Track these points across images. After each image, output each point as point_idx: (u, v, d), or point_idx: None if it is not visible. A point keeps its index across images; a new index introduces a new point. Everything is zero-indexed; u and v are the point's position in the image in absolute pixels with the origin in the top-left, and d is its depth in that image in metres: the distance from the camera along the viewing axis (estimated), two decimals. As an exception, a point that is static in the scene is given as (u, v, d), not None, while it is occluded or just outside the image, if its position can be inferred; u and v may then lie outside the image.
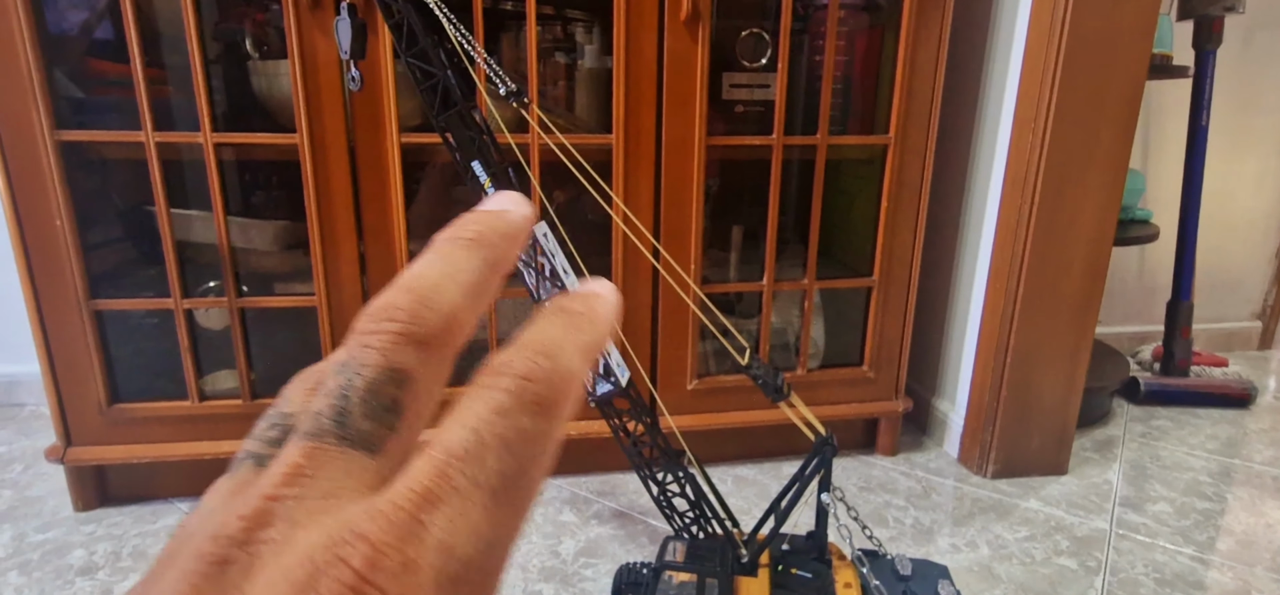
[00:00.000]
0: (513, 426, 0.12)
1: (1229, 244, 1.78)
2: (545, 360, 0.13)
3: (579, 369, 0.13)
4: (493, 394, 0.12)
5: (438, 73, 0.64)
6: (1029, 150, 1.06)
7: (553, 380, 0.13)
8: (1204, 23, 1.41)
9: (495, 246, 0.15)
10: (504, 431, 0.12)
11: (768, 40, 1.11)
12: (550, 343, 0.13)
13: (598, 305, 0.15)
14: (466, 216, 0.15)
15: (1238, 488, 1.18)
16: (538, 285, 0.70)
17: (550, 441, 0.13)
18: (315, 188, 0.97)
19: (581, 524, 1.05)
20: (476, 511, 0.11)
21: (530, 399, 0.12)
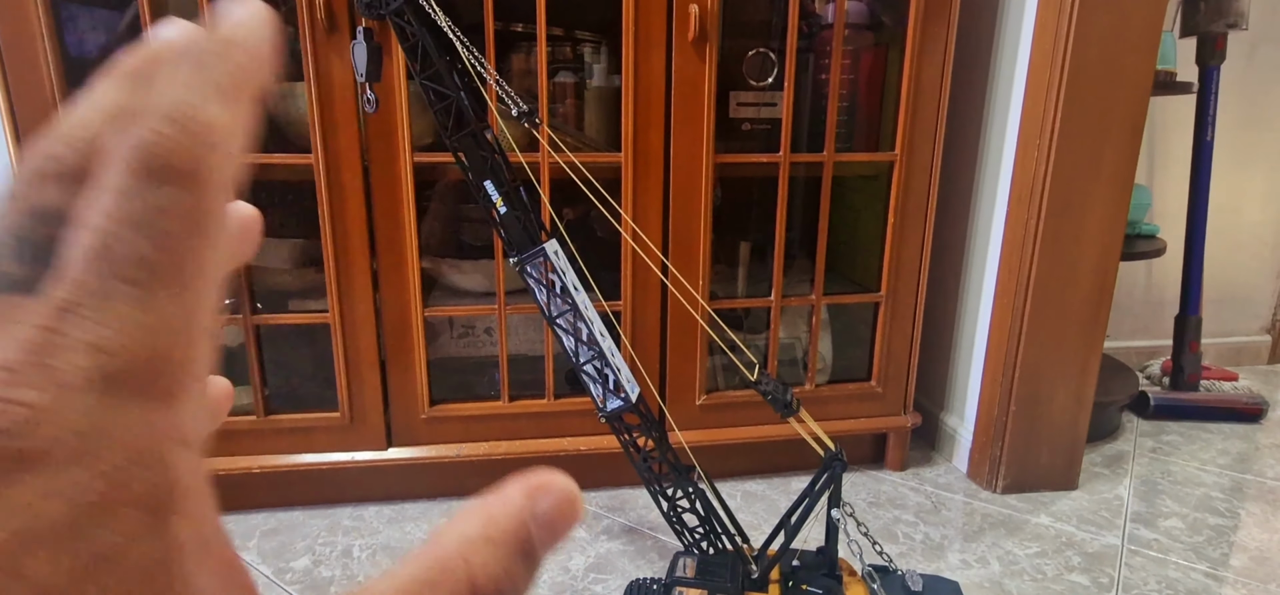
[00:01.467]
0: (141, 206, 0.11)
1: (1236, 258, 1.78)
2: (166, 123, 0.11)
3: (218, 115, 0.12)
4: (110, 178, 0.11)
5: (451, 94, 0.66)
6: (1035, 166, 1.07)
7: (181, 141, 0.11)
8: (1207, 39, 1.42)
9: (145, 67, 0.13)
10: (130, 214, 0.11)
11: (774, 60, 1.13)
12: (175, 102, 0.11)
13: (232, 31, 0.13)
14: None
15: (1250, 503, 1.17)
16: (549, 302, 0.71)
17: (200, 206, 0.11)
18: (330, 206, 0.98)
19: (591, 539, 1.05)
20: (122, 304, 0.10)
21: (156, 170, 0.11)
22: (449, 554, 0.13)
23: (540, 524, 0.14)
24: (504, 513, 0.13)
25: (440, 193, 1.20)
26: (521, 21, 1.05)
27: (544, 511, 0.14)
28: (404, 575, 0.12)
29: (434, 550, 0.13)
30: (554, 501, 0.14)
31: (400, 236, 1.01)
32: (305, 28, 0.91)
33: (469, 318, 1.19)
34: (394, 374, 1.07)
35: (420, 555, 0.13)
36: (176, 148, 0.11)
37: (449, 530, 0.13)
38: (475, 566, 0.13)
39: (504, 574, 0.13)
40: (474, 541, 0.13)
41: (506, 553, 0.13)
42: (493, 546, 0.13)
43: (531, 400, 1.11)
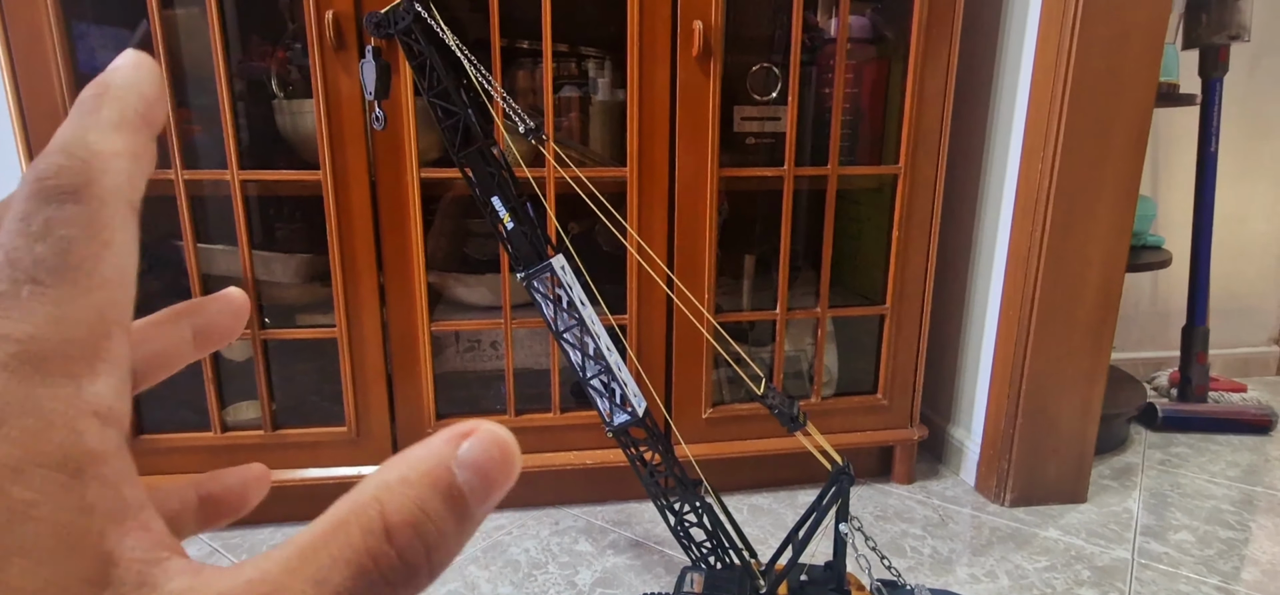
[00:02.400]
0: (40, 221, 0.13)
1: (1243, 269, 1.77)
2: (56, 155, 0.13)
3: (104, 143, 0.14)
4: (14, 205, 0.13)
5: (459, 111, 0.67)
6: (1039, 178, 1.07)
7: (68, 166, 0.13)
8: (1209, 51, 1.42)
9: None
10: (29, 229, 0.12)
11: (777, 74, 1.14)
12: (64, 140, 0.14)
13: (108, 77, 0.15)
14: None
15: (1261, 516, 1.16)
16: (556, 316, 0.72)
17: (95, 217, 0.13)
18: (337, 222, 0.99)
19: (598, 554, 1.05)
20: (28, 300, 0.12)
21: (49, 190, 0.13)
22: (363, 497, 0.13)
23: (466, 468, 0.13)
24: (423, 455, 0.13)
25: (446, 208, 1.21)
26: (527, 38, 1.06)
27: (469, 455, 0.13)
28: (320, 522, 0.13)
29: (350, 496, 0.13)
30: (480, 445, 0.13)
31: (407, 251, 1.02)
32: (314, 45, 0.92)
33: (475, 332, 1.20)
34: (400, 388, 1.07)
35: (337, 503, 0.13)
36: (64, 170, 0.13)
37: (368, 479, 0.13)
38: (389, 507, 0.13)
39: (421, 513, 0.13)
40: (390, 484, 0.13)
41: (424, 492, 0.13)
42: (408, 486, 0.13)
43: (537, 414, 1.11)
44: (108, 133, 0.14)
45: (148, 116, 0.15)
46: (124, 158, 0.14)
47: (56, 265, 0.12)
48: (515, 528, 1.11)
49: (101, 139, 0.14)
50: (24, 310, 0.12)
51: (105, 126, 0.14)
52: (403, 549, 0.12)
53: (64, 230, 0.13)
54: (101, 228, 0.13)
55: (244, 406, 1.11)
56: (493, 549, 1.06)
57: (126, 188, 0.14)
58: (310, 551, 0.12)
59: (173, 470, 1.05)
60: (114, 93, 0.15)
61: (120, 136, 0.14)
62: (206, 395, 1.03)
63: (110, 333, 0.13)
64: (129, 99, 0.15)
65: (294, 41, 1.08)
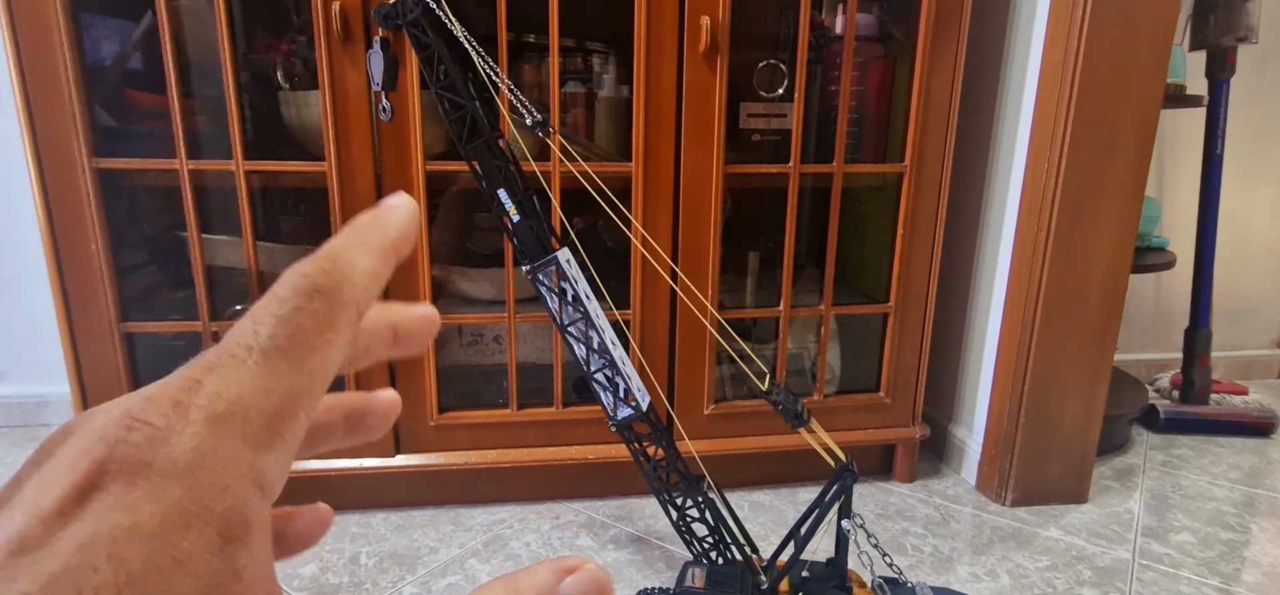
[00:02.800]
0: (288, 306, 0.14)
1: (1246, 271, 1.77)
2: (323, 260, 0.15)
3: (361, 262, 0.16)
4: (276, 289, 0.15)
5: (466, 103, 0.66)
6: (1045, 178, 1.07)
7: (329, 270, 0.15)
8: (1217, 52, 1.42)
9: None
10: (278, 310, 0.14)
11: (784, 71, 1.13)
12: (332, 248, 0.16)
13: (384, 213, 0.18)
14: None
15: (1262, 518, 1.16)
16: (561, 310, 0.72)
17: (330, 315, 0.15)
18: (342, 214, 0.99)
19: (599, 549, 1.05)
20: (247, 370, 0.13)
21: (307, 286, 0.15)
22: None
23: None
24: (532, 587, 0.15)
25: (450, 201, 1.21)
26: (534, 32, 1.06)
27: (571, 592, 0.15)
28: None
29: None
30: (582, 584, 0.15)
31: (411, 244, 1.01)
32: (320, 37, 0.92)
33: (478, 326, 1.20)
34: (403, 381, 1.07)
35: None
36: (324, 274, 0.15)
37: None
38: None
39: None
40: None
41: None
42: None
43: (540, 408, 1.11)
44: (366, 254, 0.16)
45: (399, 246, 0.18)
46: (371, 278, 0.16)
47: (285, 345, 0.14)
48: (516, 522, 1.12)
49: (361, 258, 0.16)
50: (244, 375, 0.13)
51: (366, 249, 0.16)
52: None
53: (304, 320, 0.14)
54: (332, 325, 0.15)
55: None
56: (494, 542, 1.06)
57: (364, 302, 0.16)
58: None
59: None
60: (382, 224, 0.17)
61: (375, 260, 0.16)
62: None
63: (297, 416, 0.14)
64: (390, 232, 0.17)
65: (299, 34, 1.08)
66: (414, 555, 1.03)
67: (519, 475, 1.15)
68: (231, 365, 0.13)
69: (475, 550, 1.04)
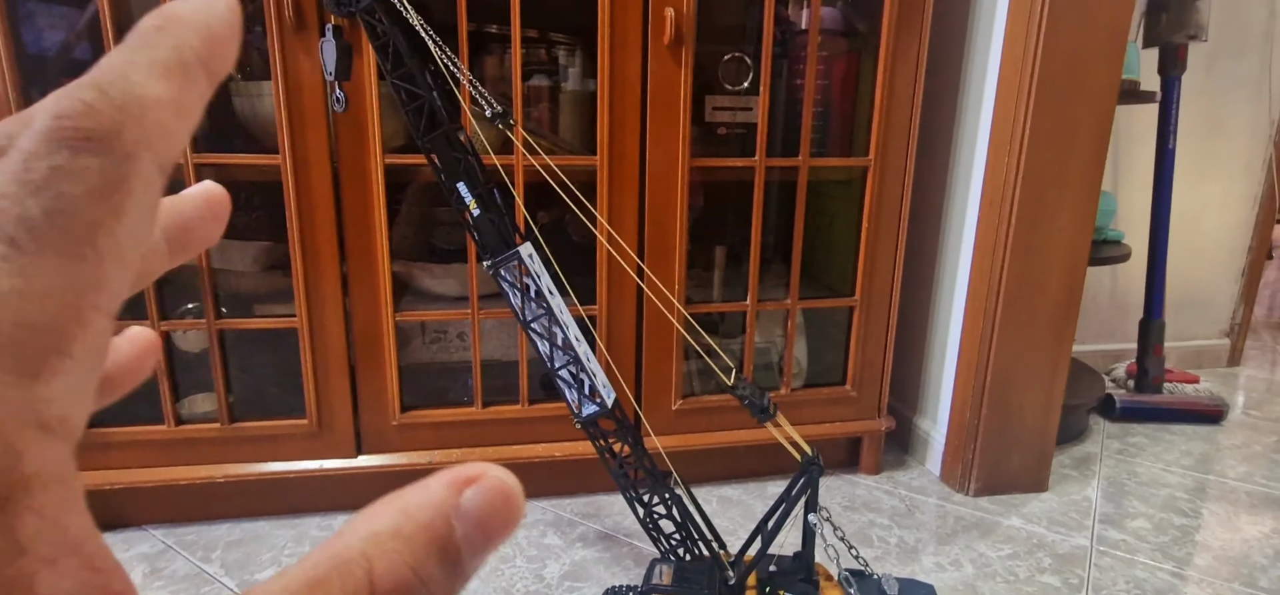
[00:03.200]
0: (43, 168, 0.10)
1: (1197, 264, 1.83)
2: (88, 91, 0.11)
3: (150, 87, 0.11)
4: (22, 141, 0.11)
5: (423, 94, 0.65)
6: (1005, 173, 1.08)
7: (97, 106, 0.11)
8: (1169, 50, 1.46)
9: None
10: (25, 175, 0.10)
11: (749, 64, 1.13)
12: (103, 72, 0.11)
13: (181, 9, 0.12)
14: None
15: (1213, 503, 1.20)
16: (523, 306, 0.70)
17: (113, 176, 0.11)
18: (298, 208, 0.96)
19: (566, 547, 1.04)
20: (7, 277, 0.10)
21: (67, 133, 0.10)
22: (350, 550, 0.11)
23: (467, 521, 0.12)
24: (421, 503, 0.12)
25: (412, 195, 1.18)
26: (496, 22, 1.04)
27: (472, 507, 0.12)
28: (296, 574, 0.11)
29: (335, 545, 0.11)
30: (485, 496, 0.12)
31: (370, 239, 0.99)
32: (272, 24, 0.89)
33: (441, 322, 1.17)
34: (364, 380, 1.05)
35: (319, 551, 0.11)
36: (92, 113, 0.11)
37: (357, 524, 0.11)
38: (378, 565, 0.11)
39: (412, 575, 0.11)
40: (381, 537, 0.11)
41: (418, 550, 0.11)
42: (402, 542, 0.11)
43: (505, 406, 1.10)
44: (156, 75, 0.12)
45: (209, 62, 0.12)
46: (167, 108, 0.12)
47: (45, 228, 0.10)
48: (483, 521, 1.10)
49: (146, 81, 0.11)
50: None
51: (155, 67, 0.12)
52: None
53: (69, 186, 0.10)
54: (116, 189, 0.11)
55: (200, 399, 1.07)
56: (459, 543, 1.04)
57: (160, 146, 0.11)
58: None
59: (124, 465, 1.01)
60: (176, 27, 0.12)
61: (169, 82, 0.12)
62: (160, 387, 0.99)
63: (86, 321, 0.10)
64: (190, 38, 0.12)
65: (253, 23, 1.04)
66: (376, 558, 1.01)
67: (485, 474, 1.13)
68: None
69: (440, 551, 1.02)
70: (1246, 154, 1.75)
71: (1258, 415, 1.57)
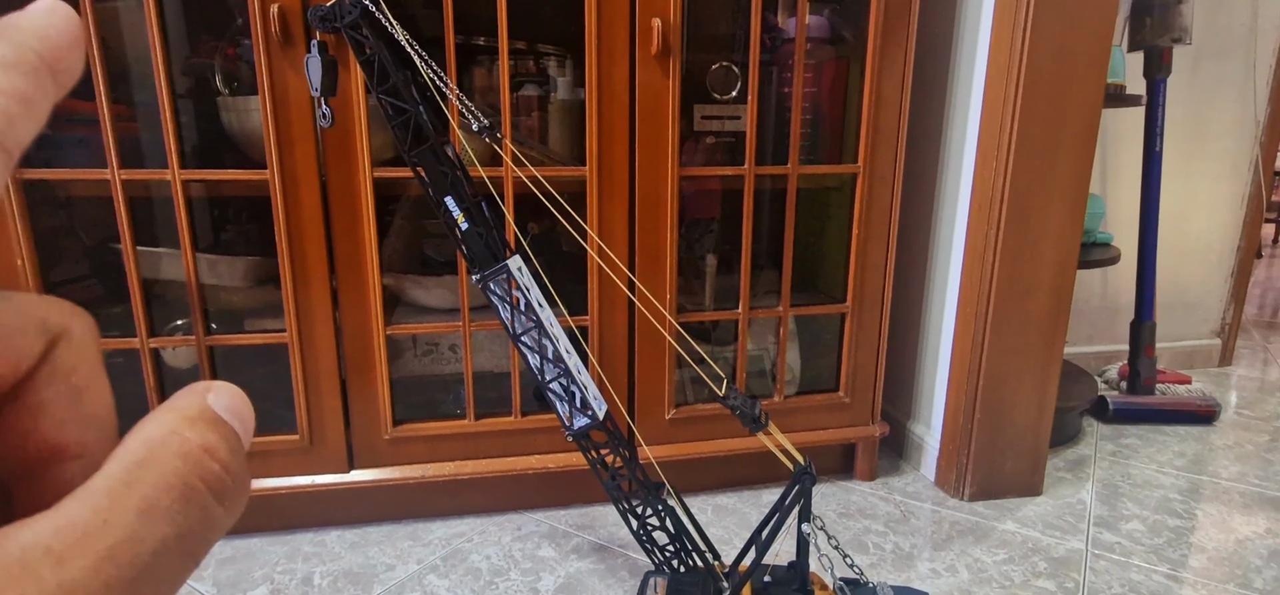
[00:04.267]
0: None
1: (1187, 265, 1.84)
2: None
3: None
4: None
5: (410, 109, 0.65)
6: (993, 177, 1.09)
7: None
8: (1153, 53, 1.47)
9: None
10: None
11: (737, 73, 1.14)
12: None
13: (18, 17, 0.13)
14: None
15: (1207, 504, 1.20)
16: (513, 319, 0.70)
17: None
18: (286, 223, 0.96)
19: (560, 559, 1.03)
20: None
21: None
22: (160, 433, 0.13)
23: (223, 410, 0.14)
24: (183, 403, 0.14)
25: (403, 208, 1.18)
26: (483, 34, 1.04)
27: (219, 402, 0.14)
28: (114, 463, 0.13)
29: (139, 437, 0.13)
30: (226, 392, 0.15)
31: (360, 253, 0.99)
32: (259, 40, 0.89)
33: (433, 335, 1.17)
34: (355, 394, 1.04)
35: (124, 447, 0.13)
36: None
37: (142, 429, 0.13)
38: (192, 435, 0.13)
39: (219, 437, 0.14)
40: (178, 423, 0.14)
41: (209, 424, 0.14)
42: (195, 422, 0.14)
43: (498, 418, 1.09)
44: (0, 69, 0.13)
45: (51, 64, 0.13)
46: (10, 98, 0.12)
47: None
48: (476, 534, 1.09)
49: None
50: None
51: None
52: (225, 462, 0.13)
53: None
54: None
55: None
56: (453, 556, 1.04)
57: (6, 131, 0.12)
58: (126, 485, 0.12)
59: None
60: (14, 32, 0.13)
61: (11, 76, 0.13)
62: (148, 403, 0.98)
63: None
64: (29, 40, 0.13)
65: (242, 37, 1.04)
66: (370, 573, 1.00)
67: (478, 487, 1.13)
68: None
69: (434, 565, 1.02)
70: (1233, 154, 1.76)
71: (1250, 415, 1.58)
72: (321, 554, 1.04)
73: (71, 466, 0.14)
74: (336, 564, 1.02)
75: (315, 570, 1.00)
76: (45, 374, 0.14)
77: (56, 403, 0.14)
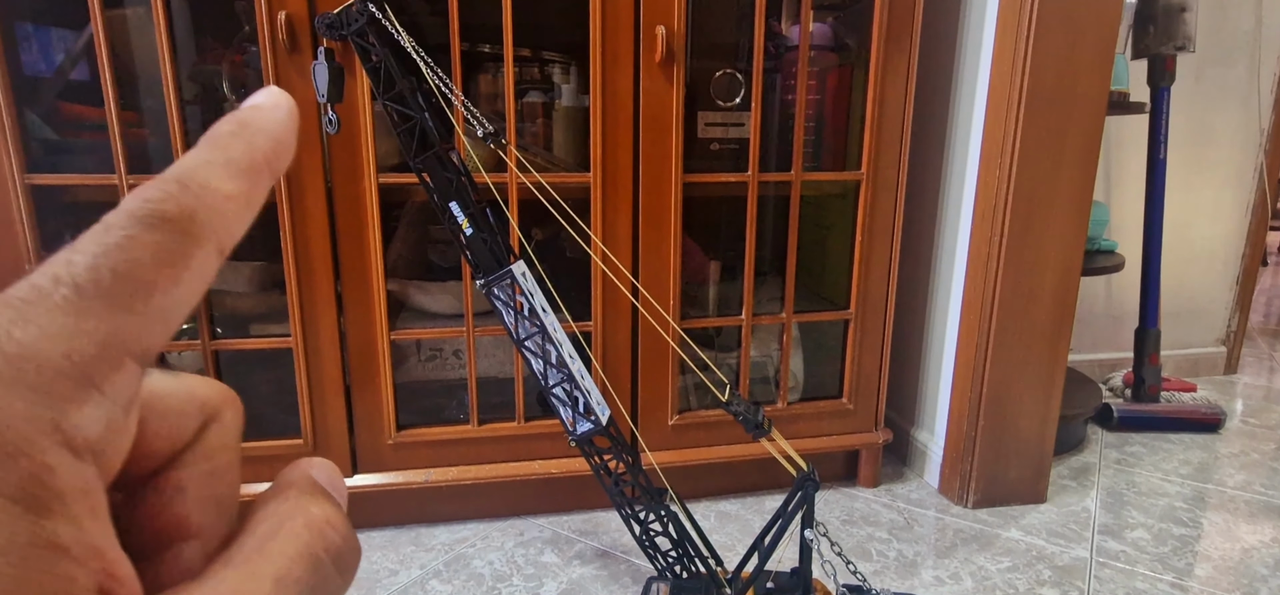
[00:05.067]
0: (118, 234, 0.12)
1: (1191, 272, 1.83)
2: (171, 183, 0.13)
3: (222, 183, 0.13)
4: (107, 217, 0.12)
5: (415, 115, 0.65)
6: (997, 184, 1.09)
7: (177, 195, 0.13)
8: (1157, 61, 1.47)
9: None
10: (105, 239, 0.12)
11: (741, 80, 1.14)
12: (184, 168, 0.13)
13: (252, 117, 0.15)
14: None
15: (1212, 513, 1.20)
16: (516, 324, 0.70)
17: (176, 250, 0.12)
18: (292, 228, 0.96)
19: (563, 565, 1.03)
20: (50, 306, 0.11)
21: (147, 213, 0.12)
22: (286, 505, 0.15)
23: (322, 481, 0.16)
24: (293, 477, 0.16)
25: (408, 214, 1.18)
26: (489, 42, 1.04)
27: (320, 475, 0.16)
28: (248, 536, 0.14)
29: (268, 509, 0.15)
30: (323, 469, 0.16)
31: (365, 258, 0.99)
32: (266, 47, 0.90)
33: (437, 340, 1.17)
34: (359, 399, 1.05)
35: (255, 517, 0.14)
36: (170, 199, 0.13)
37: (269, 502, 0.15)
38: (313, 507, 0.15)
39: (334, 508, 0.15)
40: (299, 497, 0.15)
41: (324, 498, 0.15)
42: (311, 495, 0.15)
43: (501, 423, 1.10)
44: (230, 174, 0.14)
45: (273, 163, 0.14)
46: (237, 203, 0.13)
47: (107, 280, 0.12)
48: (479, 540, 1.09)
49: (221, 179, 0.13)
50: (43, 314, 0.11)
51: (230, 166, 0.14)
52: (343, 533, 0.14)
53: (139, 252, 0.12)
54: (179, 261, 0.12)
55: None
56: (455, 562, 1.04)
57: (225, 234, 0.13)
58: (260, 557, 0.13)
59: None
60: (249, 132, 0.14)
61: (241, 181, 0.14)
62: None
63: (122, 363, 0.12)
64: (261, 142, 0.14)
65: (249, 44, 1.05)
66: (372, 578, 1.00)
67: (481, 492, 1.13)
68: (34, 300, 0.11)
69: (437, 571, 1.02)
70: (1237, 162, 1.76)
71: (1256, 423, 1.57)
72: (325, 559, 1.04)
73: (190, 546, 0.14)
74: (340, 569, 1.02)
75: (318, 575, 1.00)
76: (192, 455, 0.15)
77: (196, 483, 0.14)
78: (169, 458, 0.14)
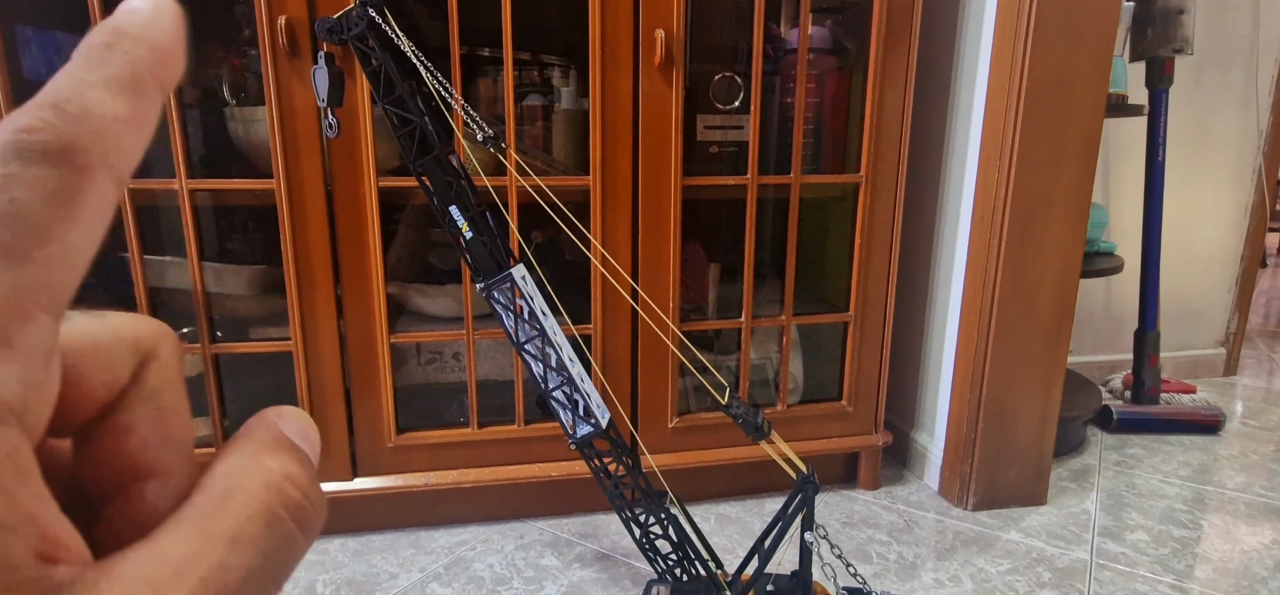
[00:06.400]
0: (6, 178, 0.11)
1: (1191, 274, 1.83)
2: (45, 109, 0.12)
3: (104, 104, 0.12)
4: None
5: (415, 119, 0.65)
6: (995, 187, 1.09)
7: (53, 124, 0.11)
8: (1155, 63, 1.47)
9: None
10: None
11: (740, 83, 1.14)
12: (57, 90, 0.12)
13: (130, 22, 0.13)
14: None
15: (1212, 514, 1.20)
16: (516, 328, 0.70)
17: (67, 185, 0.11)
18: (292, 232, 0.96)
19: (563, 568, 1.03)
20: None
21: (25, 148, 0.11)
22: (241, 461, 0.14)
23: (293, 435, 0.15)
24: (256, 429, 0.15)
25: (408, 217, 1.18)
26: (489, 46, 1.05)
27: (289, 426, 0.15)
28: (201, 494, 0.13)
29: (224, 468, 0.14)
30: (294, 419, 0.16)
31: (365, 262, 0.99)
32: (266, 51, 0.90)
33: (437, 343, 1.17)
34: (359, 402, 1.05)
35: (209, 478, 0.14)
36: (48, 127, 0.11)
37: (227, 457, 0.14)
38: (273, 463, 0.14)
39: (296, 463, 0.14)
40: (258, 452, 0.14)
41: (285, 452, 0.14)
42: (273, 451, 0.14)
43: (501, 426, 1.10)
44: (111, 93, 0.12)
45: (160, 75, 0.13)
46: (124, 124, 0.12)
47: (11, 232, 0.11)
48: (479, 543, 1.09)
49: (102, 100, 0.12)
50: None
51: (110, 84, 0.12)
52: (304, 489, 0.14)
53: (23, 192, 0.11)
54: (71, 198, 0.11)
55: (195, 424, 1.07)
56: (455, 565, 1.04)
57: (118, 160, 0.12)
58: (213, 515, 0.13)
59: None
60: (126, 43, 0.13)
61: (125, 99, 0.12)
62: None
63: (30, 317, 0.11)
64: (141, 52, 0.13)
65: (249, 48, 1.05)
66: (373, 581, 1.00)
67: (481, 495, 1.13)
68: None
69: (437, 574, 1.02)
70: (1236, 164, 1.76)
71: (1255, 424, 1.58)
72: (324, 562, 1.04)
73: (153, 486, 0.14)
74: (339, 572, 1.02)
75: (318, 578, 1.01)
76: (134, 394, 0.14)
77: (143, 423, 0.14)
78: (109, 401, 0.14)
